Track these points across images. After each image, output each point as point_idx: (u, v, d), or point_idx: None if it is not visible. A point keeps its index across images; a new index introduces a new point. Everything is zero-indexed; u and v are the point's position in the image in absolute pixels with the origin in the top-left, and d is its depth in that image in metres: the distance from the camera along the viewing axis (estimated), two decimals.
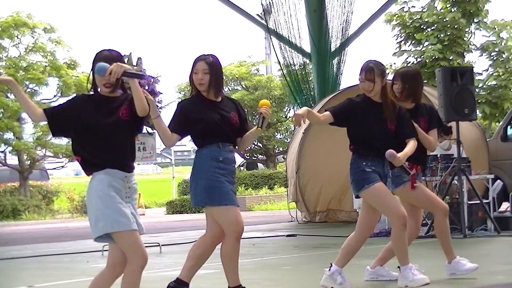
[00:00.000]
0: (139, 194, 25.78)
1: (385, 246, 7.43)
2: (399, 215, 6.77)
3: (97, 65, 5.19)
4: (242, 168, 38.85)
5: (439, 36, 25.13)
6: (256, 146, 37.57)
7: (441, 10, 25.67)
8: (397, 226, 6.82)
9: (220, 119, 6.20)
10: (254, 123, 6.29)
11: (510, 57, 26.25)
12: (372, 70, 6.85)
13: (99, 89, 5.31)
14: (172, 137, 6.20)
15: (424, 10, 25.81)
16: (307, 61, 20.20)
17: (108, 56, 5.25)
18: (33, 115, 5.26)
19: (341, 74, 19.96)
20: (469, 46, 25.74)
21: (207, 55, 6.30)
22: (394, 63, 26.16)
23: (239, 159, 39.66)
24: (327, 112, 6.84)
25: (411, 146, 6.80)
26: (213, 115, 6.19)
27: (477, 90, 24.25)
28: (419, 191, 7.21)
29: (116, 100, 5.27)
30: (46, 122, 5.28)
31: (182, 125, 6.23)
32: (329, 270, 6.97)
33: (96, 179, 5.19)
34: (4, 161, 30.10)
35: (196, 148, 6.33)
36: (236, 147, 6.41)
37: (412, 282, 6.77)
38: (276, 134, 37.12)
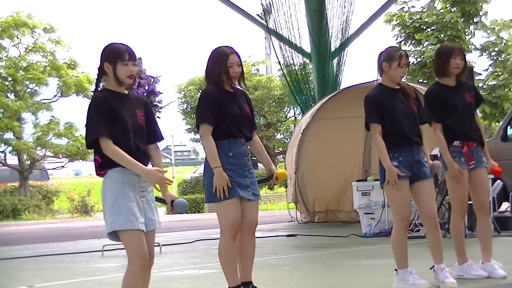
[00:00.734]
0: None
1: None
2: (402, 217, 6.76)
3: (178, 205, 5.41)
4: None
5: (439, 36, 25.12)
6: None
7: (441, 10, 25.67)
8: (398, 227, 6.80)
9: (239, 113, 6.28)
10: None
11: (509, 57, 26.23)
12: (407, 56, 6.89)
13: (106, 84, 5.27)
14: (210, 138, 6.21)
15: (424, 10, 25.81)
16: (307, 61, 20.19)
17: (132, 54, 5.25)
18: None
19: (341, 74, 19.95)
20: (469, 46, 25.73)
21: (231, 47, 6.42)
22: None
23: None
24: (374, 125, 6.76)
25: (425, 142, 6.88)
26: (234, 109, 6.24)
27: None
28: (461, 185, 7.20)
29: (128, 97, 5.29)
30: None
31: (214, 116, 6.22)
32: (398, 274, 6.84)
33: (110, 176, 5.19)
34: (4, 161, 30.09)
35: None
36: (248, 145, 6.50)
37: (413, 286, 6.73)
38: (276, 134, 37.12)
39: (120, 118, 5.19)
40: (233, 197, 6.17)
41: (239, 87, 6.48)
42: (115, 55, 5.21)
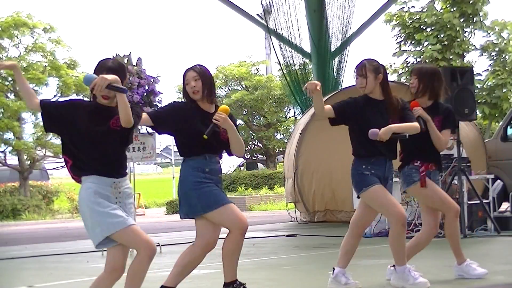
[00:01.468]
0: (139, 194, 25.88)
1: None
2: (398, 216, 6.73)
3: (84, 76, 5.26)
4: (242, 168, 38.87)
5: (438, 36, 25.14)
6: (256, 146, 37.58)
7: (441, 11, 25.68)
8: (396, 226, 6.78)
9: (210, 135, 6.11)
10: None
11: (509, 56, 26.24)
12: (363, 66, 6.86)
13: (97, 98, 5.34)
14: (144, 118, 6.03)
15: (423, 11, 25.82)
16: (307, 61, 20.20)
17: (111, 68, 5.29)
18: (29, 102, 5.30)
19: (342, 74, 19.96)
20: (469, 46, 25.74)
21: (194, 65, 6.28)
22: (394, 63, 26.20)
23: (239, 159, 39.70)
24: (329, 106, 6.80)
25: (406, 124, 6.71)
26: (203, 129, 6.08)
27: (476, 90, 24.26)
28: (431, 190, 7.15)
29: (112, 110, 5.30)
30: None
31: (163, 119, 6.15)
32: (333, 273, 6.92)
33: (83, 189, 5.26)
34: (4, 161, 30.09)
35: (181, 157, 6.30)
36: (227, 154, 6.43)
37: (414, 285, 6.71)
38: (276, 134, 37.14)
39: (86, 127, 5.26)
40: (227, 203, 6.15)
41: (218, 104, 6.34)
42: (94, 72, 5.30)
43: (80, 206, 5.31)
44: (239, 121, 37.04)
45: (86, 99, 5.62)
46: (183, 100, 6.35)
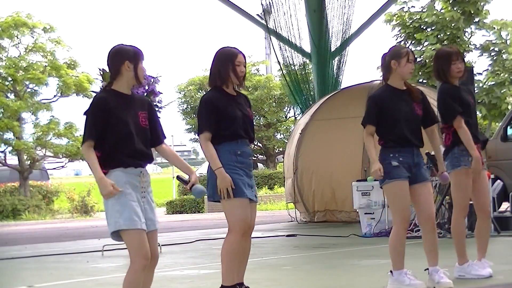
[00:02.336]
0: None
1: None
2: (403, 218, 6.75)
3: (197, 191, 5.52)
4: None
5: (438, 36, 25.14)
6: (256, 146, 37.57)
7: (441, 10, 25.68)
8: (398, 228, 6.78)
9: (242, 116, 6.27)
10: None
11: (509, 57, 26.24)
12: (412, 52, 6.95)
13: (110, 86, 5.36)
14: (209, 144, 6.22)
15: (424, 10, 25.82)
16: (307, 61, 20.19)
17: (139, 54, 5.36)
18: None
19: (342, 74, 19.95)
20: (469, 46, 25.74)
21: (237, 48, 6.39)
22: None
23: None
24: (369, 126, 6.77)
25: (438, 146, 6.95)
26: (237, 113, 6.26)
27: (476, 90, 24.26)
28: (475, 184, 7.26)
29: (132, 98, 5.36)
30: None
31: (214, 123, 6.23)
32: (392, 275, 6.81)
33: (113, 176, 5.22)
34: (4, 161, 30.08)
35: (210, 144, 6.23)
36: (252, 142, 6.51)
37: (410, 286, 6.70)
38: (276, 134, 37.13)
39: (120, 120, 5.22)
40: (242, 197, 6.17)
41: (241, 91, 6.50)
42: (137, 55, 5.32)
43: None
44: None
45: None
46: (208, 81, 6.40)
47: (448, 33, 25.06)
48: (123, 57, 5.31)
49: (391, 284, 6.78)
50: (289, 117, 37.00)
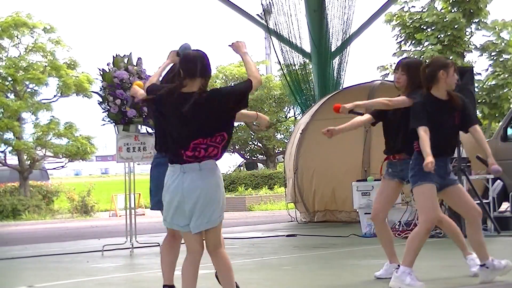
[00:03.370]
0: (139, 194, 25.81)
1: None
2: (428, 218, 6.83)
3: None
4: (242, 168, 38.86)
5: (439, 36, 25.14)
6: (256, 146, 37.58)
7: (441, 10, 25.68)
8: (421, 227, 6.88)
9: None
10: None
11: (510, 57, 26.24)
12: None
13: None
14: None
15: (424, 10, 25.83)
16: (307, 61, 20.19)
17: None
18: None
19: (342, 74, 19.94)
20: (469, 46, 25.75)
21: None
22: (394, 63, 26.17)
23: (239, 159, 39.70)
24: (421, 128, 6.85)
25: (485, 141, 7.04)
26: None
27: (476, 90, 24.27)
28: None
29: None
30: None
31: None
32: (397, 272, 6.91)
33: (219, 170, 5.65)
34: (4, 161, 30.07)
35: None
36: None
37: (408, 286, 6.73)
38: (276, 134, 37.13)
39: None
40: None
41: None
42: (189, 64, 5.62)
43: (218, 184, 5.57)
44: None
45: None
46: None
47: (448, 33, 25.06)
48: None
49: (393, 280, 6.85)
50: (289, 117, 37.01)
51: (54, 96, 30.07)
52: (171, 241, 6.65)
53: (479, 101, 25.02)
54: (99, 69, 11.31)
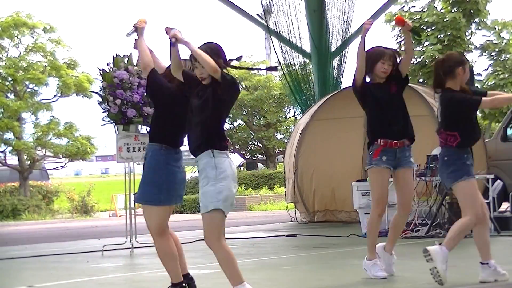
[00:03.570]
0: None
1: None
2: (475, 213, 6.90)
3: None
4: (242, 168, 38.86)
5: (439, 36, 25.13)
6: (256, 146, 37.58)
7: (441, 10, 25.67)
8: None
9: None
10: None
11: (510, 57, 26.24)
12: None
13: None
14: None
15: (424, 10, 25.81)
16: (307, 61, 20.18)
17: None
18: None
19: (342, 74, 19.94)
20: (469, 46, 25.74)
21: None
22: None
23: (239, 159, 39.70)
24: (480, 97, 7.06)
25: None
26: None
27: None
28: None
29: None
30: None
31: None
32: (489, 265, 7.01)
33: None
34: (4, 161, 30.09)
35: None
36: None
37: (502, 276, 6.91)
38: (276, 134, 37.13)
39: None
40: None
41: None
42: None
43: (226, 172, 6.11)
44: (239, 121, 37.07)
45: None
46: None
47: (448, 33, 25.05)
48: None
49: (486, 275, 7.00)
50: (289, 117, 37.01)
51: (54, 96, 30.12)
52: (169, 238, 6.68)
53: None
54: (99, 69, 11.31)
